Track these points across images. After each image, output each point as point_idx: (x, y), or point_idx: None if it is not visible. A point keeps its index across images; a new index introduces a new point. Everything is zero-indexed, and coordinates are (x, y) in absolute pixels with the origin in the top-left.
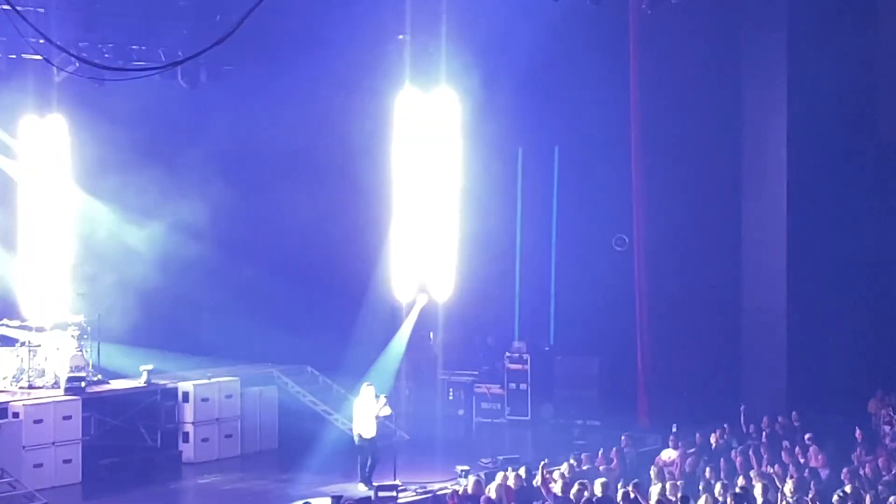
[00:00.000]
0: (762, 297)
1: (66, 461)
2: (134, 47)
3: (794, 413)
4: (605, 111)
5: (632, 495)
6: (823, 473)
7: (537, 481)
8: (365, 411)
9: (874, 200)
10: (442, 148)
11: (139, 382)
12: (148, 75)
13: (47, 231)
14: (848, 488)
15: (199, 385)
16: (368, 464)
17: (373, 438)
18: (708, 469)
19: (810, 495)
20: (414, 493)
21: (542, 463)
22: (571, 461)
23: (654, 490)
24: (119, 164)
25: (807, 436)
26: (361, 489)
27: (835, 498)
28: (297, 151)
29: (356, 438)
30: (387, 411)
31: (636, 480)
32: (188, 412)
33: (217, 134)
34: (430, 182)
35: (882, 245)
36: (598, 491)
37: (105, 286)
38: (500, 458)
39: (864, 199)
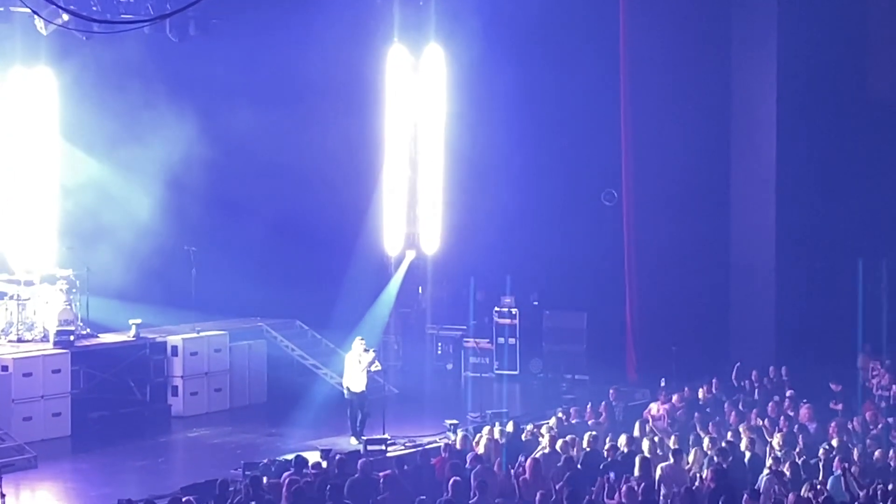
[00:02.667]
0: (751, 252)
1: (56, 414)
2: (122, 0)
3: (783, 368)
4: (595, 65)
5: (620, 449)
6: (811, 427)
7: (525, 436)
8: (355, 365)
9: (863, 156)
10: (430, 104)
11: (128, 336)
12: (136, 28)
13: (35, 184)
14: (835, 442)
15: (187, 339)
16: (359, 418)
17: (362, 393)
18: (697, 423)
19: (797, 449)
20: (403, 447)
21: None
22: (560, 415)
23: (645, 444)
24: (107, 118)
25: (788, 392)
26: (353, 443)
27: (821, 451)
28: (286, 106)
29: (346, 392)
30: (377, 367)
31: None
32: (177, 366)
33: (205, 87)
34: (418, 137)
35: (871, 200)
36: (586, 445)
37: (93, 240)
38: (489, 412)
39: (854, 155)
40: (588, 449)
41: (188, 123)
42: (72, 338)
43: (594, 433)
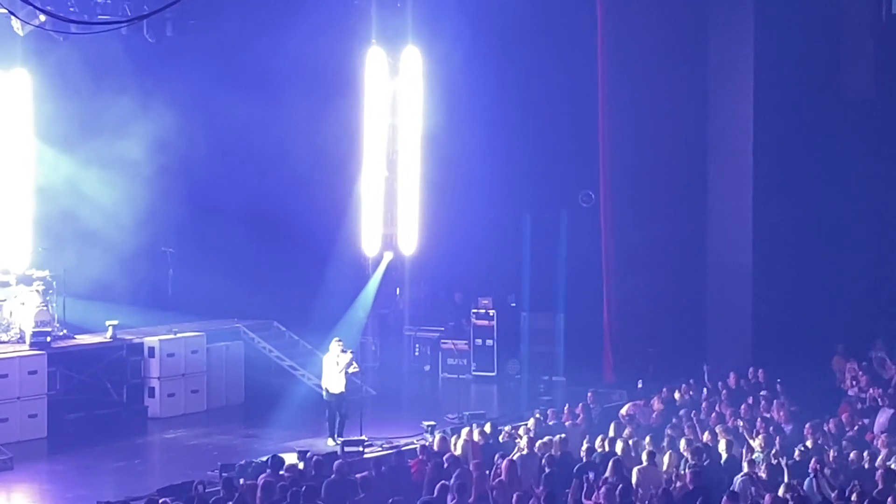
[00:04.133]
0: (728, 253)
1: (32, 416)
2: (99, 1)
3: (760, 370)
4: (572, 67)
5: (597, 450)
6: (787, 428)
7: (503, 438)
8: (333, 367)
9: (839, 156)
10: (408, 105)
11: (105, 337)
12: (114, 29)
13: (11, 185)
14: (809, 443)
15: (164, 340)
16: (338, 419)
17: (341, 394)
18: (671, 425)
19: (774, 450)
20: (380, 449)
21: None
22: (538, 416)
23: (619, 445)
24: (83, 118)
25: (762, 392)
26: (331, 444)
27: (796, 453)
28: (263, 107)
29: (324, 393)
30: (354, 368)
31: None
32: (154, 367)
33: (181, 89)
34: (395, 139)
35: (847, 200)
36: (557, 447)
37: (70, 241)
38: (466, 413)
39: (830, 155)
40: (559, 452)
41: (165, 124)
42: (48, 339)
43: (563, 435)
